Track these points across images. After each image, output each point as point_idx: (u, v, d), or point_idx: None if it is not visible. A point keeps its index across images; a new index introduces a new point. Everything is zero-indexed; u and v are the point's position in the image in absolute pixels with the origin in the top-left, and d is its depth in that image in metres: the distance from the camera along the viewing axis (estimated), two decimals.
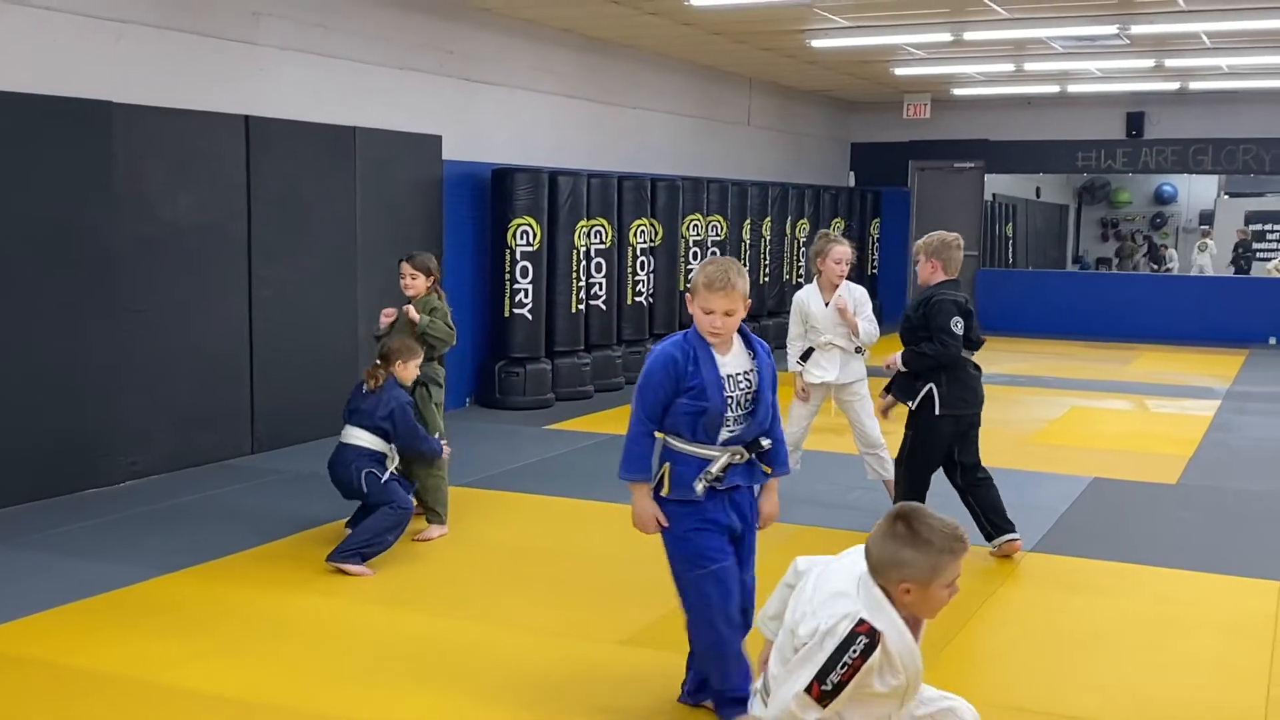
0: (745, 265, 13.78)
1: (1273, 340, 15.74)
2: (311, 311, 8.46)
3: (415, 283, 6.27)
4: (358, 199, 8.82)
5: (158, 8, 7.44)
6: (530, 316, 10.17)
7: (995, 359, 13.38)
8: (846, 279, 6.61)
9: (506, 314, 10.11)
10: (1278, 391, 11.58)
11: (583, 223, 10.59)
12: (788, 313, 7.17)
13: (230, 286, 7.85)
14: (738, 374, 3.69)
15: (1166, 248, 24.27)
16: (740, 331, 3.76)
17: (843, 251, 6.53)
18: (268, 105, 8.16)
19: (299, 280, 8.31)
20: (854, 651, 2.67)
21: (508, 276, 10.07)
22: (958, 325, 5.47)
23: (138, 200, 7.20)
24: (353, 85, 8.95)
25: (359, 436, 5.61)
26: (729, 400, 3.65)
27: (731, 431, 3.69)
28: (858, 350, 6.63)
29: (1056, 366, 13.35)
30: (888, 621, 2.72)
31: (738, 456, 3.69)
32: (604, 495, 6.96)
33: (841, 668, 2.67)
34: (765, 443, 3.73)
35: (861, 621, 2.69)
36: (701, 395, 3.64)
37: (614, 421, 9.52)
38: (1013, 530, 5.73)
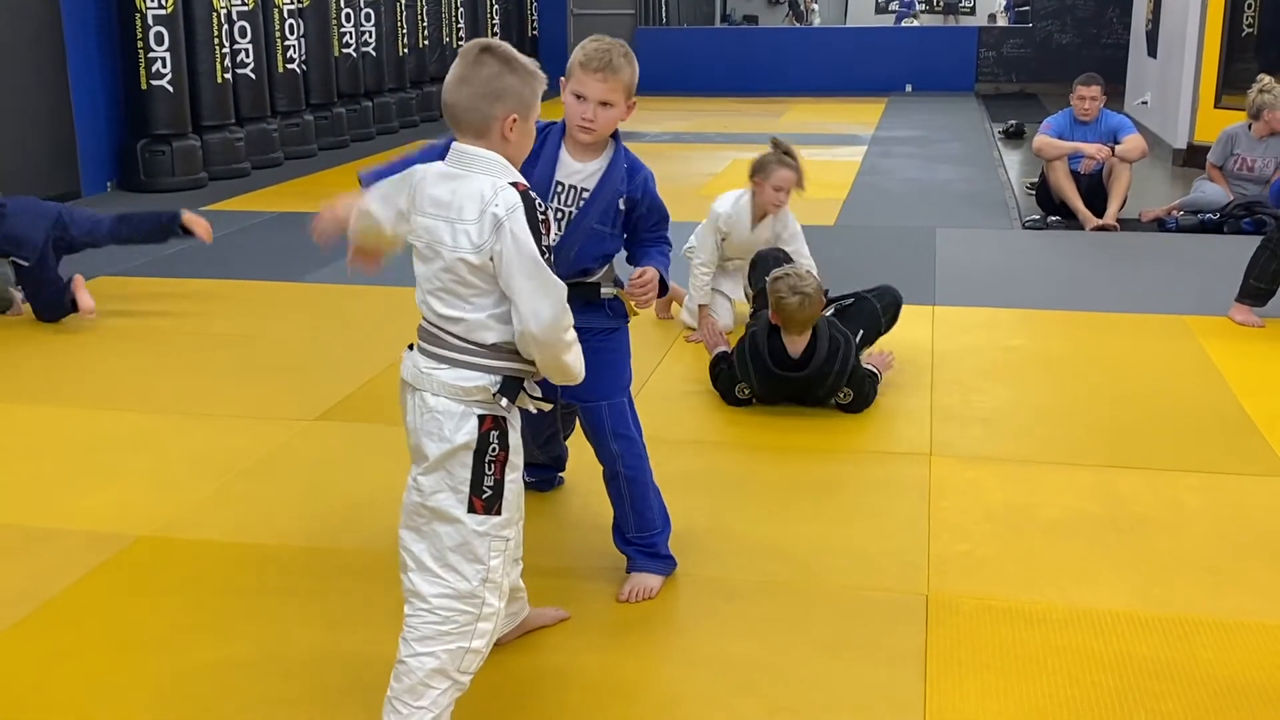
0: (402, 28, 13.20)
1: (909, 88, 16.73)
2: None
3: None
4: None
5: None
6: (171, 88, 9.30)
7: (657, 118, 13.55)
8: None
9: (144, 86, 9.20)
10: (916, 135, 12.38)
11: None
12: (442, 79, 6.55)
13: None
14: (579, 188, 2.97)
15: (812, 3, 25.10)
16: (620, 150, 3.01)
17: (786, 177, 5.27)
18: None
19: None
20: (537, 216, 2.34)
21: (140, 43, 9.12)
22: None
23: None
24: None
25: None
26: (554, 213, 2.96)
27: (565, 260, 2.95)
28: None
29: (715, 122, 13.68)
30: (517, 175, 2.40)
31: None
32: (276, 275, 6.61)
33: (540, 225, 2.33)
34: (606, 291, 3.02)
35: (514, 184, 2.34)
36: None
37: (278, 198, 9.01)
38: None
